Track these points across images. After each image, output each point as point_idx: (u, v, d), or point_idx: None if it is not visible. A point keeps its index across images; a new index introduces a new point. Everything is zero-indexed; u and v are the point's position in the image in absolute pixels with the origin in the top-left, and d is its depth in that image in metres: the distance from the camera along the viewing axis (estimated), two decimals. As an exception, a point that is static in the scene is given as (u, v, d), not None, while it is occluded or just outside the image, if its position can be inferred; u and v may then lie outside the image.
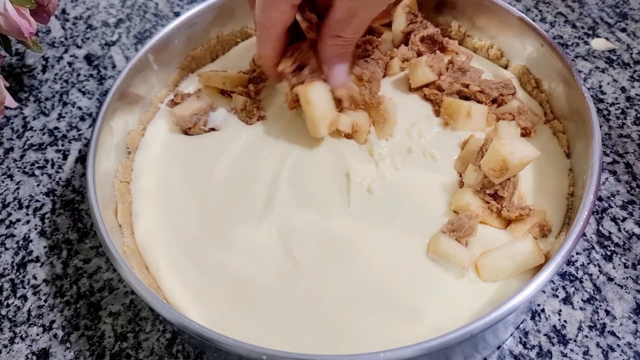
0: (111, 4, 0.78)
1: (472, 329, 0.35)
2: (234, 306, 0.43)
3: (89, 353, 0.48)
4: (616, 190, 0.55)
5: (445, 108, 0.51)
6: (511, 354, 0.46)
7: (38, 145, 0.62)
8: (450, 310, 0.41)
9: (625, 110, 0.61)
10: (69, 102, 0.66)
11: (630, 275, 0.50)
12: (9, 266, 0.53)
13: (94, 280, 0.52)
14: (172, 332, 0.48)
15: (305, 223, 0.46)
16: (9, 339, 0.49)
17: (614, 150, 0.58)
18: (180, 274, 0.45)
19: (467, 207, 0.45)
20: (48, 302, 0.51)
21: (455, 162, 0.49)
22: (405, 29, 0.57)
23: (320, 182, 0.48)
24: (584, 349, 0.46)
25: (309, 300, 0.43)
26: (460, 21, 0.59)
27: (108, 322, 0.49)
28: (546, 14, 0.72)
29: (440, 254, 0.43)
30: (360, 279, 0.43)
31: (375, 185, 0.47)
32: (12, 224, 0.56)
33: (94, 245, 0.54)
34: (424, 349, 0.35)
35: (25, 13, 0.55)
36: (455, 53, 0.57)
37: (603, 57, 0.67)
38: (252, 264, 0.45)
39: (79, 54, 0.72)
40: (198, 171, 0.51)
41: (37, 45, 0.58)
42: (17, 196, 0.58)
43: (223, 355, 0.44)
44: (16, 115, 0.65)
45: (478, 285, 0.43)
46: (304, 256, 0.44)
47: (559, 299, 0.49)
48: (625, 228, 0.53)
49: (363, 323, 0.41)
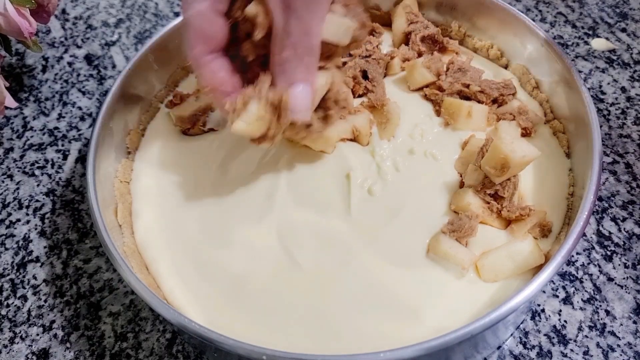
0: (111, 4, 0.78)
1: (472, 329, 0.35)
2: (233, 306, 0.43)
3: (89, 353, 0.48)
4: (616, 190, 0.55)
5: (446, 108, 0.51)
6: (511, 354, 0.46)
7: (38, 145, 0.62)
8: (450, 310, 0.41)
9: (626, 110, 0.61)
10: (69, 102, 0.66)
11: (630, 275, 0.50)
12: (9, 266, 0.53)
13: (94, 280, 0.52)
14: (172, 332, 0.48)
15: (305, 223, 0.46)
16: (9, 339, 0.49)
17: (614, 151, 0.58)
18: (180, 274, 0.45)
19: (468, 207, 0.45)
20: (48, 302, 0.51)
21: (455, 162, 0.49)
22: (406, 29, 0.57)
23: (320, 183, 0.48)
24: (584, 349, 0.46)
25: (309, 300, 0.43)
26: (461, 21, 0.59)
27: (108, 322, 0.49)
28: (546, 14, 0.72)
29: (440, 254, 0.43)
30: (360, 279, 0.43)
31: (376, 186, 0.47)
32: (12, 224, 0.56)
33: (94, 245, 0.54)
34: (424, 349, 0.35)
35: (25, 13, 0.55)
36: (455, 53, 0.57)
37: (603, 57, 0.67)
38: (252, 264, 0.45)
39: (79, 54, 0.72)
40: (198, 171, 0.51)
41: (37, 45, 0.58)
42: (17, 196, 0.58)
43: (223, 356, 0.44)
44: (16, 115, 0.65)
45: (478, 285, 0.43)
46: (304, 256, 0.44)
47: (559, 299, 0.49)
48: (625, 228, 0.53)
49: (363, 323, 0.41)
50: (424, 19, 0.58)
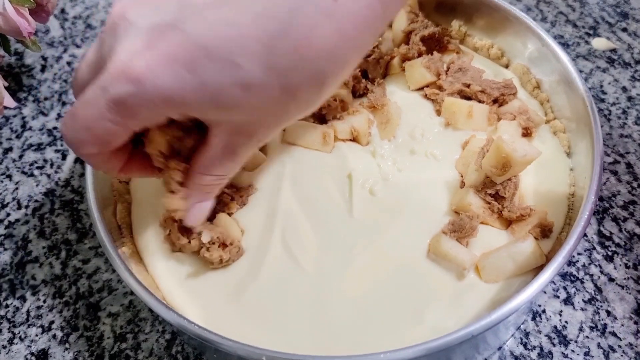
0: (110, 4, 0.78)
1: (473, 329, 0.35)
2: (233, 307, 0.43)
3: (88, 354, 0.48)
4: (617, 191, 0.55)
5: (447, 108, 0.51)
6: (512, 355, 0.46)
7: (37, 145, 0.62)
8: (451, 311, 0.41)
9: (626, 110, 0.61)
10: (68, 102, 0.66)
11: (631, 275, 0.50)
12: (7, 266, 0.53)
13: (93, 281, 0.52)
14: (172, 333, 0.48)
15: (306, 224, 0.46)
16: (8, 339, 0.49)
17: (615, 151, 0.58)
18: (179, 274, 0.45)
19: (468, 208, 0.44)
20: (47, 303, 0.51)
21: (456, 162, 0.49)
22: (406, 28, 0.57)
23: (322, 184, 0.48)
24: (585, 349, 0.46)
25: (309, 300, 0.42)
26: (461, 21, 0.59)
27: (107, 322, 0.49)
28: (547, 13, 0.72)
29: (440, 255, 0.43)
30: (361, 280, 0.43)
31: (377, 186, 0.47)
32: (11, 224, 0.56)
33: (93, 246, 0.54)
34: (424, 350, 0.35)
35: (24, 12, 0.55)
36: (456, 53, 0.57)
37: (604, 56, 0.67)
38: (252, 264, 0.44)
39: (78, 54, 0.71)
40: (197, 171, 0.51)
41: (36, 45, 0.58)
42: (16, 196, 0.58)
43: (223, 356, 0.44)
44: (15, 115, 0.65)
45: (479, 286, 0.42)
46: (305, 256, 0.44)
47: (560, 300, 0.49)
48: (626, 228, 0.53)
49: (363, 324, 0.41)
50: (424, 19, 0.58)
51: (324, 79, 0.33)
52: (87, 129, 0.33)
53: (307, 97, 0.34)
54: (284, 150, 0.50)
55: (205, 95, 0.32)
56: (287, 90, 0.32)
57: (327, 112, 0.51)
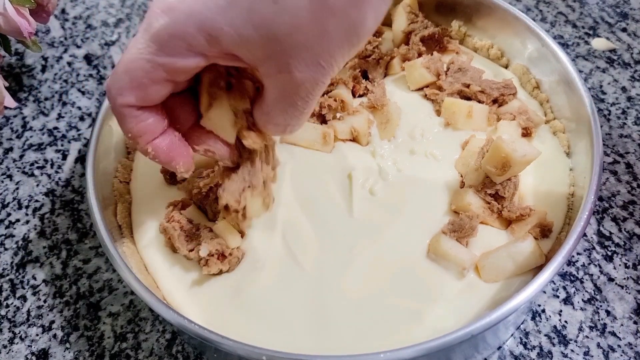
0: (111, 4, 0.78)
1: (473, 329, 0.35)
2: (233, 307, 0.43)
3: (89, 354, 0.48)
4: (617, 191, 0.55)
5: (446, 108, 0.51)
6: (512, 355, 0.46)
7: (37, 145, 0.62)
8: (450, 310, 0.41)
9: (626, 110, 0.61)
10: (69, 102, 0.66)
11: (630, 275, 0.50)
12: (8, 266, 0.53)
13: (94, 281, 0.52)
14: (172, 332, 0.48)
15: (306, 223, 0.46)
16: (9, 339, 0.49)
17: (615, 151, 0.58)
18: (179, 274, 0.45)
19: (468, 208, 0.44)
20: (47, 303, 0.51)
21: (456, 162, 0.49)
22: (406, 28, 0.57)
23: (322, 184, 0.48)
24: (584, 349, 0.46)
25: (309, 300, 0.42)
26: (461, 21, 0.59)
27: (108, 322, 0.49)
28: (547, 13, 0.72)
29: (440, 255, 0.43)
30: (361, 279, 0.43)
31: (377, 186, 0.47)
32: (11, 224, 0.56)
33: (94, 246, 0.54)
34: (424, 350, 0.35)
35: (25, 13, 0.55)
36: (455, 53, 0.57)
37: (604, 57, 0.67)
38: (252, 264, 0.44)
39: (78, 54, 0.71)
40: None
41: (36, 45, 0.58)
42: (17, 196, 0.58)
43: (223, 356, 0.44)
44: (15, 115, 0.65)
45: (479, 285, 0.42)
46: (305, 256, 0.44)
47: (559, 300, 0.49)
48: (625, 228, 0.53)
49: (363, 323, 0.41)
50: (424, 19, 0.58)
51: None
52: (126, 71, 0.34)
53: (343, 7, 0.31)
54: (284, 150, 0.50)
55: (236, 15, 0.31)
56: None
57: (327, 112, 0.51)
